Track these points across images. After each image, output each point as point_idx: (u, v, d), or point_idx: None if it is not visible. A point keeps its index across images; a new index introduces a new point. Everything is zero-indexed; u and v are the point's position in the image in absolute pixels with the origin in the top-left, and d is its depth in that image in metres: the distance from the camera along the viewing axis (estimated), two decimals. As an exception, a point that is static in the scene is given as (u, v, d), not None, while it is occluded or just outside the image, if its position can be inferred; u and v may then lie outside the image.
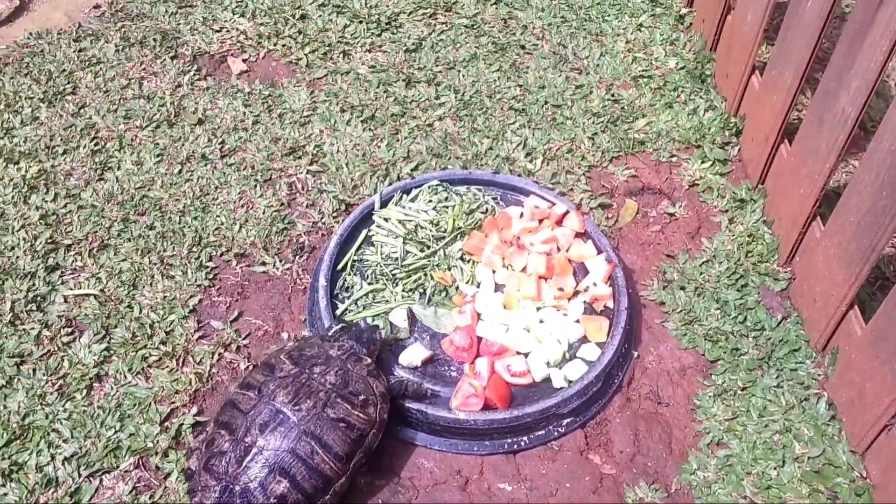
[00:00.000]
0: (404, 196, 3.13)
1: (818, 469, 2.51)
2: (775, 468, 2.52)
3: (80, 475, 2.48)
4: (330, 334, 2.60)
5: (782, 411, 2.64)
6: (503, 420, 2.53)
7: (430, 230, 2.98)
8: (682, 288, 2.99)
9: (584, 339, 2.78)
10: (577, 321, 2.79)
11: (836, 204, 2.68)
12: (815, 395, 2.67)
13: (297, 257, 3.10)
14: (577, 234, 3.01)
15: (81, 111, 3.60)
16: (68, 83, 3.73)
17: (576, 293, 2.87)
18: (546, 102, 3.68)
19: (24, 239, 3.07)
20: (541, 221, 3.04)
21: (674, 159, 3.47)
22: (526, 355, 2.71)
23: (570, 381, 2.64)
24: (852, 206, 2.55)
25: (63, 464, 2.49)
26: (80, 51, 3.90)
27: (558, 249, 2.97)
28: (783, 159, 3.07)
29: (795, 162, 2.95)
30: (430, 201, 3.08)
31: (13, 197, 3.22)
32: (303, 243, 3.13)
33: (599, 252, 2.95)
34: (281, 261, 3.08)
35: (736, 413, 2.66)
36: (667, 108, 3.65)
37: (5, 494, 2.41)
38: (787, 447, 2.56)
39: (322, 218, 3.23)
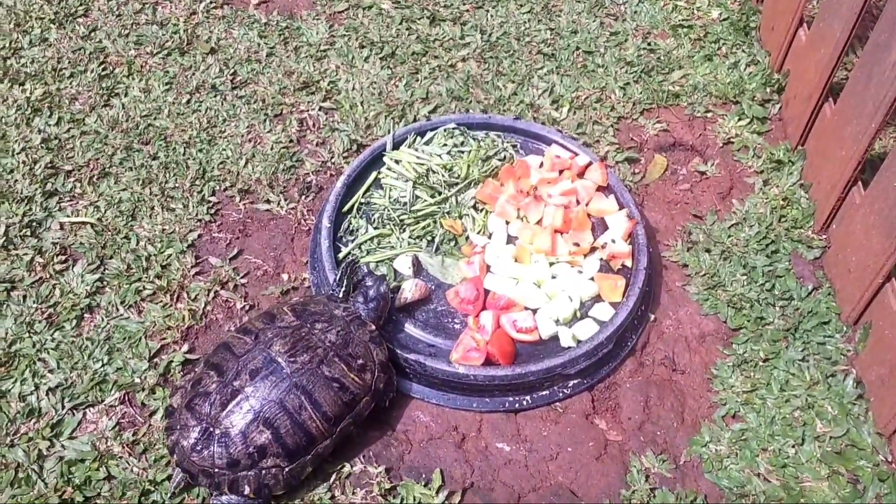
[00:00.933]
0: (418, 138, 2.96)
1: (840, 450, 2.34)
2: (793, 446, 2.36)
3: (63, 407, 2.38)
4: (336, 289, 2.50)
5: (805, 386, 2.46)
6: (505, 377, 2.39)
7: (443, 175, 2.82)
8: (708, 250, 2.81)
9: (598, 298, 2.62)
10: (592, 279, 2.63)
11: (878, 169, 2.49)
12: (842, 372, 2.49)
13: (304, 197, 2.96)
14: (599, 188, 2.83)
15: (92, 34, 3.47)
16: (80, 5, 3.59)
17: (592, 249, 2.71)
18: (577, 48, 3.48)
19: (23, 162, 2.96)
20: (561, 172, 2.86)
21: (709, 115, 3.26)
22: (534, 311, 2.55)
23: (580, 341, 2.48)
24: (897, 169, 2.35)
25: (47, 394, 2.40)
26: (95, -28, 3.76)
27: (577, 203, 2.80)
28: (826, 119, 2.86)
29: (839, 121, 2.74)
30: (445, 145, 2.91)
31: (15, 118, 3.11)
32: (310, 182, 2.99)
33: (621, 207, 2.78)
34: (286, 199, 2.95)
35: (755, 385, 2.49)
36: (706, 60, 3.43)
37: (-15, 423, 2.34)
38: (808, 425, 2.39)
39: (332, 157, 3.08)
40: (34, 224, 2.80)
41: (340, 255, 2.67)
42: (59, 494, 2.21)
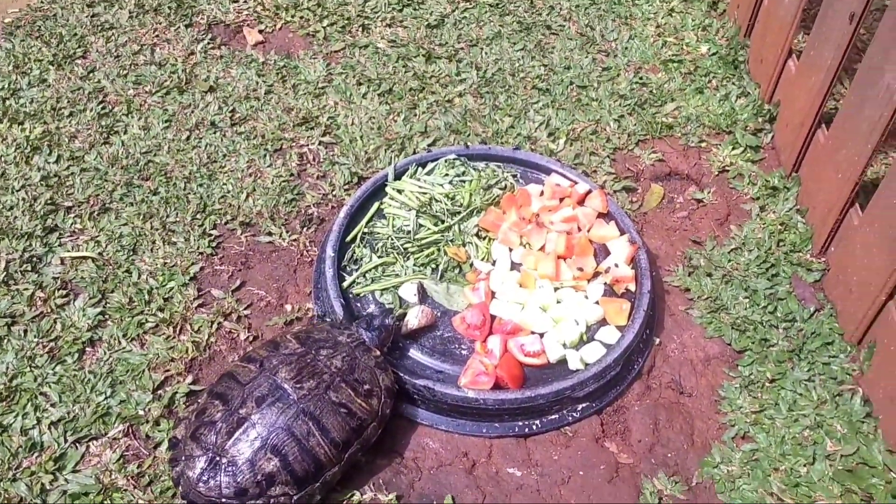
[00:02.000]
0: (419, 169, 2.98)
1: (851, 468, 2.34)
2: (805, 465, 2.35)
3: (66, 440, 2.34)
4: (340, 322, 2.49)
5: (813, 406, 2.47)
6: (514, 400, 2.37)
7: (446, 204, 2.84)
8: (709, 275, 2.83)
9: (604, 322, 2.62)
10: (597, 303, 2.64)
11: (872, 196, 2.53)
12: (849, 391, 2.50)
13: (305, 229, 2.97)
14: (600, 215, 2.86)
15: (90, 75, 3.50)
16: (79, 47, 3.62)
17: (596, 274, 2.72)
18: (571, 83, 3.54)
19: (23, 199, 2.95)
20: (561, 200, 2.89)
21: (703, 145, 3.31)
22: (541, 335, 2.55)
23: (587, 364, 2.48)
24: (896, 187, 2.39)
25: (49, 428, 2.36)
26: (93, 16, 3.80)
27: (579, 229, 2.82)
28: (819, 144, 2.91)
29: (833, 146, 2.79)
30: (447, 175, 2.93)
31: (15, 157, 3.10)
32: (311, 214, 3.00)
33: (622, 233, 2.80)
34: (288, 231, 2.95)
35: (763, 406, 2.49)
36: (697, 93, 3.49)
37: (-14, 457, 2.29)
38: (819, 443, 2.39)
39: (333, 190, 3.09)
40: (34, 259, 2.78)
41: (345, 284, 2.66)
42: (62, 529, 2.16)
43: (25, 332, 2.58)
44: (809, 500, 2.27)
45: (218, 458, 2.11)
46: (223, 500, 2.10)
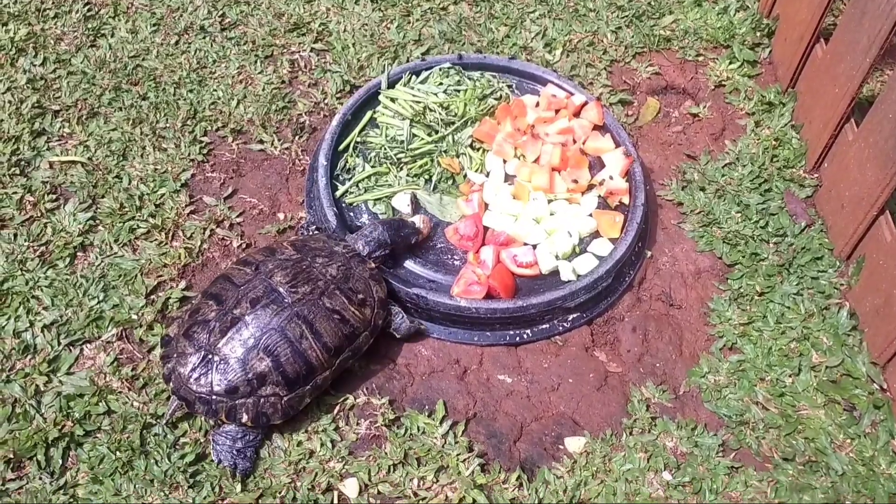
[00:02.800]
0: (413, 77, 2.93)
1: (835, 379, 2.39)
2: (790, 376, 2.39)
3: (59, 343, 2.35)
4: (335, 233, 2.48)
5: (801, 319, 2.50)
6: (506, 310, 2.39)
7: (440, 113, 2.80)
8: (702, 189, 2.83)
9: (597, 234, 2.63)
10: (590, 215, 2.64)
11: (866, 114, 2.52)
12: (836, 305, 2.53)
13: (297, 137, 2.93)
14: (596, 127, 2.83)
15: (75, -25, 3.39)
16: (62, -54, 3.50)
17: (590, 187, 2.71)
18: (569, -7, 3.46)
19: (9, 102, 2.89)
20: (557, 112, 2.86)
21: (700, 59, 3.27)
22: (534, 247, 2.56)
23: (579, 275, 2.50)
24: (894, 100, 2.37)
25: (42, 331, 2.37)
26: (75, -87, 3.66)
27: (574, 141, 2.80)
28: (818, 59, 2.88)
29: (831, 60, 2.76)
30: (441, 84, 2.89)
31: (0, 59, 3.03)
32: (303, 123, 2.96)
33: (618, 146, 2.78)
34: (280, 140, 2.91)
35: (752, 318, 2.52)
36: (696, 5, 3.42)
37: (-20, 358, 2.30)
38: (804, 355, 2.43)
39: (325, 98, 3.05)
40: (23, 163, 2.75)
41: (338, 194, 2.65)
42: (58, 428, 2.18)
43: (15, 235, 2.56)
44: (794, 409, 2.33)
45: (210, 356, 2.13)
46: (214, 396, 2.12)
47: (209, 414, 2.15)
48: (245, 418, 2.14)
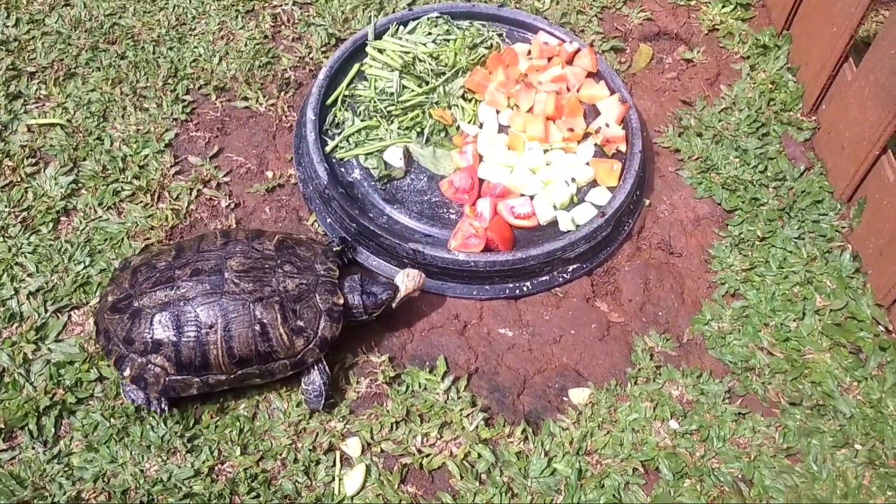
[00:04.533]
0: (401, 28, 2.84)
1: (840, 322, 2.35)
2: (795, 320, 2.36)
3: (46, 310, 2.28)
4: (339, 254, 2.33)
5: (803, 263, 2.46)
6: (506, 262, 2.34)
7: (430, 64, 2.72)
8: (699, 135, 2.77)
9: (594, 183, 2.57)
10: (587, 164, 2.58)
11: (864, 55, 2.46)
12: (838, 248, 2.50)
13: (283, 93, 2.84)
14: (589, 74, 2.76)
15: (44, -68, 3.26)
16: None
17: (586, 135, 2.65)
18: (556, -62, 3.37)
19: (-18, 65, 2.79)
20: (549, 60, 2.79)
21: (692, 3, 3.19)
22: (531, 198, 2.50)
23: (578, 225, 2.44)
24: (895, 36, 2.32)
25: (28, 298, 2.30)
26: None
27: (568, 89, 2.73)
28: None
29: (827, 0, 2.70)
30: (430, 34, 2.80)
31: (-31, 20, 2.92)
32: (288, 78, 2.87)
33: (612, 93, 2.72)
34: (265, 96, 2.83)
35: (754, 264, 2.48)
36: (686, -51, 3.35)
37: (-35, 328, 2.23)
38: (808, 299, 2.40)
39: (310, 52, 2.96)
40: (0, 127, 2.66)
41: (328, 149, 2.57)
42: (49, 397, 2.12)
43: (-5, 201, 2.48)
44: (799, 354, 2.30)
45: (132, 300, 2.06)
46: (114, 337, 2.06)
47: (104, 349, 2.09)
48: (127, 372, 2.05)
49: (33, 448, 2.06)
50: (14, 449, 2.06)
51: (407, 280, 2.26)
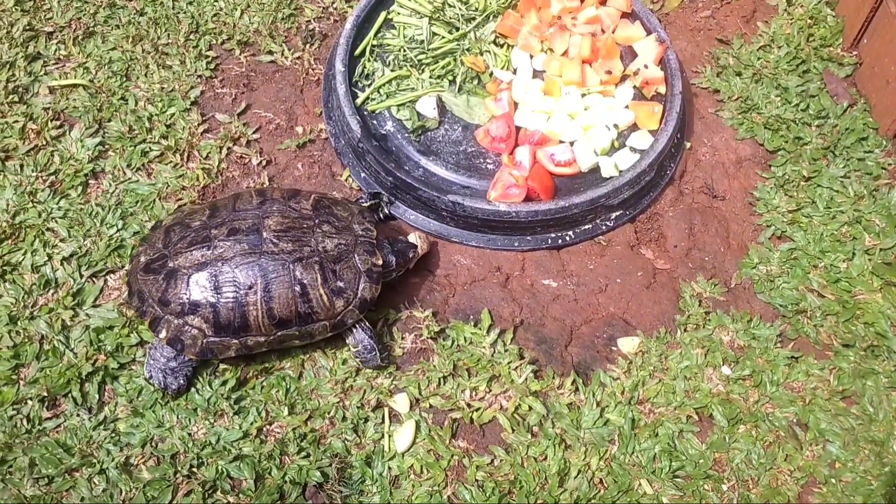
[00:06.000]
0: (427, -27, 2.75)
1: (890, 262, 2.30)
2: (844, 261, 2.31)
3: (81, 276, 2.24)
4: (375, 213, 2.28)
5: (851, 202, 2.40)
6: (548, 211, 2.28)
7: (460, 9, 2.63)
8: (738, 74, 2.70)
9: (634, 127, 2.50)
10: (627, 107, 2.51)
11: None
12: (885, 185, 2.43)
13: (308, 45, 2.76)
14: (624, 15, 2.68)
15: None
16: None
17: (624, 77, 2.57)
18: None
19: (-2, 26, 2.72)
20: (583, 0, 2.70)
21: (724, -63, 3.09)
22: (571, 144, 2.43)
23: (621, 171, 2.37)
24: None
25: (62, 264, 2.25)
26: None
27: (603, 31, 2.64)
28: (855, -72, 2.71)
29: (873, -73, 2.60)
30: (458, -22, 2.71)
31: (-19, -19, 2.84)
32: (313, 29, 2.79)
33: (648, 33, 2.63)
34: (290, 49, 2.75)
35: (800, 205, 2.42)
36: None
37: (0, 296, 2.18)
38: (857, 239, 2.34)
39: (333, 2, 2.87)
40: (20, 90, 2.58)
41: (359, 101, 2.50)
42: (91, 363, 2.09)
43: (22, 166, 2.42)
44: (850, 295, 2.25)
45: (167, 260, 2.02)
46: (149, 298, 2.02)
47: (138, 311, 2.05)
48: (163, 334, 2.01)
49: (78, 415, 2.03)
50: (59, 417, 2.03)
51: (419, 240, 2.24)
